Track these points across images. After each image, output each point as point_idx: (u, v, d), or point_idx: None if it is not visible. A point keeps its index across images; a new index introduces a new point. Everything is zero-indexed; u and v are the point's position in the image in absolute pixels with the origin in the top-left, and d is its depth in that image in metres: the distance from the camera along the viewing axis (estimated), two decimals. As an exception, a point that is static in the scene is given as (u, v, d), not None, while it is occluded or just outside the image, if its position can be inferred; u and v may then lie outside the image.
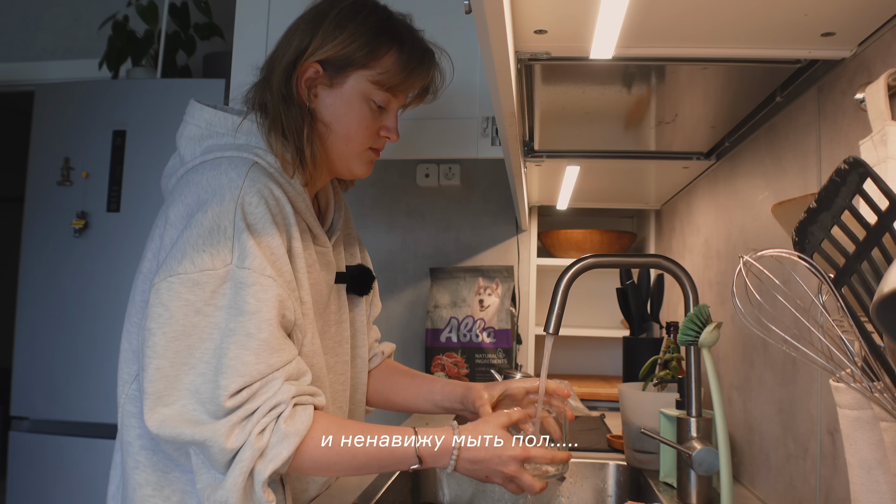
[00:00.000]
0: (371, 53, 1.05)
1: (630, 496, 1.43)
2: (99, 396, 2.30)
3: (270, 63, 1.08)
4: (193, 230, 0.93)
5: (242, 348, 0.90)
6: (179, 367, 0.90)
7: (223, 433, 0.88)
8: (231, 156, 0.99)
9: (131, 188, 2.37)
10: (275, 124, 1.03)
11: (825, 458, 0.95)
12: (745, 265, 0.66)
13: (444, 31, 1.21)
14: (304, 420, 0.93)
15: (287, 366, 0.94)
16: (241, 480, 0.88)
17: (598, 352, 2.53)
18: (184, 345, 0.90)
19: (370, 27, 1.05)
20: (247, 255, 0.92)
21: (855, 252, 0.61)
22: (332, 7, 1.07)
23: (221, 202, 0.94)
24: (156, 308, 0.91)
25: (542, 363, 1.14)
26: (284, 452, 0.90)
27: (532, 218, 2.41)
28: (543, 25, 0.86)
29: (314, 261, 1.08)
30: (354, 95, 1.06)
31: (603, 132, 1.44)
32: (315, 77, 1.05)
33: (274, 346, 0.92)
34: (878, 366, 0.60)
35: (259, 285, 0.92)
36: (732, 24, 0.85)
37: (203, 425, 0.88)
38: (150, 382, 0.90)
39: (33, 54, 3.00)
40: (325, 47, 1.04)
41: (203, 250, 0.92)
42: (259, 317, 0.91)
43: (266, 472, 0.89)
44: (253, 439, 0.89)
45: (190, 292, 0.91)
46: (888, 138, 0.69)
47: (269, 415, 0.90)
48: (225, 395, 0.88)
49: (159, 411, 0.89)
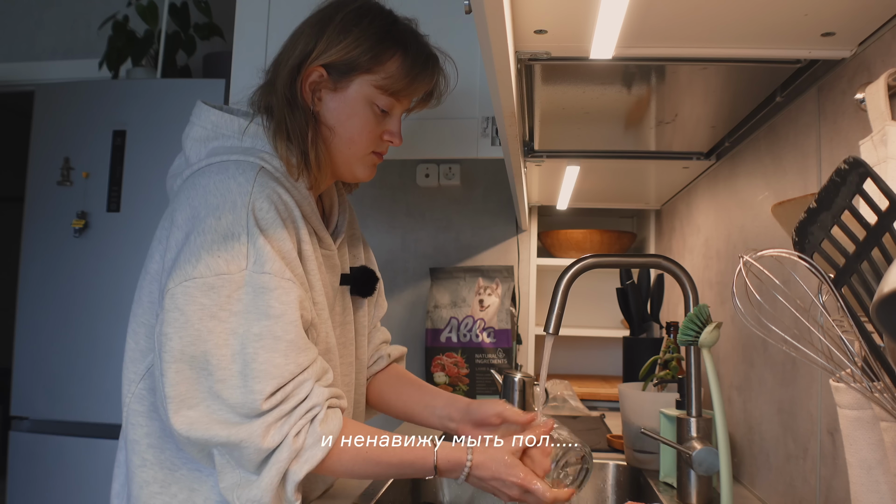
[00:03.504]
0: (375, 58, 1.05)
1: (630, 496, 1.43)
2: (99, 396, 2.30)
3: (275, 66, 1.08)
4: (207, 236, 0.93)
5: (272, 351, 0.91)
6: (199, 372, 0.91)
7: (259, 433, 0.89)
8: (238, 160, 1.00)
9: (131, 188, 2.37)
10: (280, 128, 1.03)
11: (825, 458, 0.95)
12: (745, 265, 0.66)
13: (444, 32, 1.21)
14: (337, 423, 0.95)
15: (313, 365, 0.96)
16: (277, 480, 0.90)
17: (598, 352, 2.53)
18: (200, 349, 0.91)
19: (375, 32, 1.05)
20: (265, 259, 0.93)
21: (855, 252, 0.61)
22: (337, 11, 1.06)
23: (234, 209, 0.94)
24: (171, 313, 0.92)
25: (542, 363, 1.14)
26: (319, 454, 0.92)
27: (532, 218, 2.41)
28: (543, 25, 0.86)
29: (320, 263, 1.09)
30: (358, 100, 1.06)
31: (603, 132, 1.44)
32: (319, 81, 1.05)
33: (301, 346, 0.94)
34: (878, 366, 0.60)
35: (281, 289, 0.93)
36: (732, 24, 0.85)
37: (238, 426, 0.90)
38: (171, 387, 0.90)
39: (33, 54, 3.00)
40: (330, 51, 1.04)
41: (218, 255, 0.92)
42: (285, 319, 0.93)
43: (301, 472, 0.91)
44: (290, 440, 0.90)
45: (205, 296, 0.91)
46: (888, 138, 0.69)
47: (306, 416, 0.92)
48: (261, 398, 0.89)
49: (184, 414, 0.90)
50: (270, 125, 1.04)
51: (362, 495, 1.19)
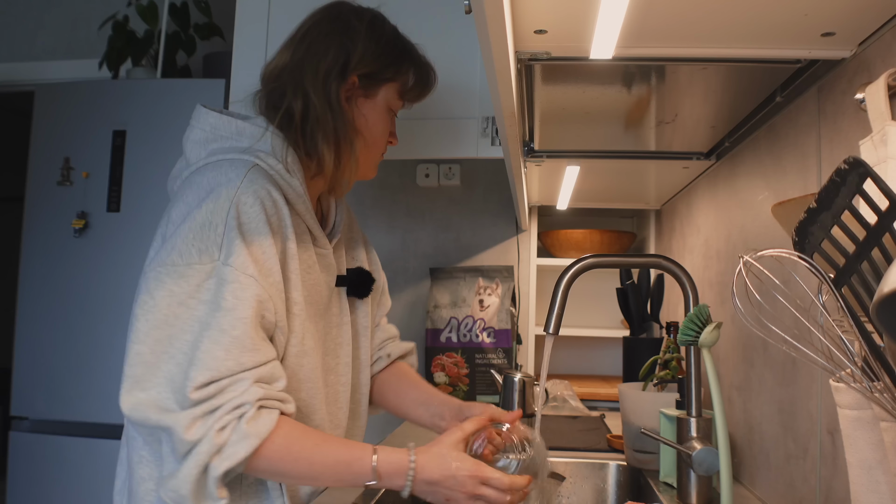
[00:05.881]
0: (398, 68, 1.15)
1: (630, 496, 1.43)
2: (99, 396, 2.30)
3: (297, 67, 1.10)
4: (187, 224, 0.96)
5: (214, 343, 0.91)
6: (159, 356, 0.92)
7: (184, 424, 0.89)
8: (233, 158, 1.02)
9: (131, 188, 2.37)
10: (322, 129, 1.07)
11: (825, 458, 0.95)
12: (745, 265, 0.66)
13: (444, 31, 1.22)
14: (267, 423, 0.93)
15: (259, 367, 0.94)
16: (194, 473, 0.89)
17: (598, 352, 2.53)
18: (165, 334, 0.92)
19: (394, 43, 1.16)
20: (232, 252, 0.94)
21: (855, 252, 0.61)
22: (357, 19, 1.13)
23: (217, 200, 0.96)
24: (142, 295, 0.95)
25: (542, 363, 1.14)
26: (242, 452, 0.90)
27: (532, 218, 2.41)
28: (543, 25, 0.86)
29: (314, 262, 1.09)
30: (383, 106, 1.16)
31: (603, 132, 1.44)
32: (352, 88, 1.12)
33: (247, 346, 0.93)
34: (878, 366, 0.60)
35: (238, 283, 0.93)
36: (732, 24, 0.85)
37: (168, 413, 0.90)
38: (129, 366, 0.92)
39: (33, 54, 3.00)
40: (366, 61, 1.11)
41: (192, 245, 0.94)
42: (234, 314, 0.92)
43: (220, 468, 0.90)
44: (212, 435, 0.89)
45: (175, 284, 0.93)
46: (888, 138, 0.69)
47: (232, 413, 0.91)
48: (191, 385, 0.89)
49: (135, 395, 0.91)
50: (291, 126, 1.07)
51: (362, 496, 1.19)
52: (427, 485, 0.98)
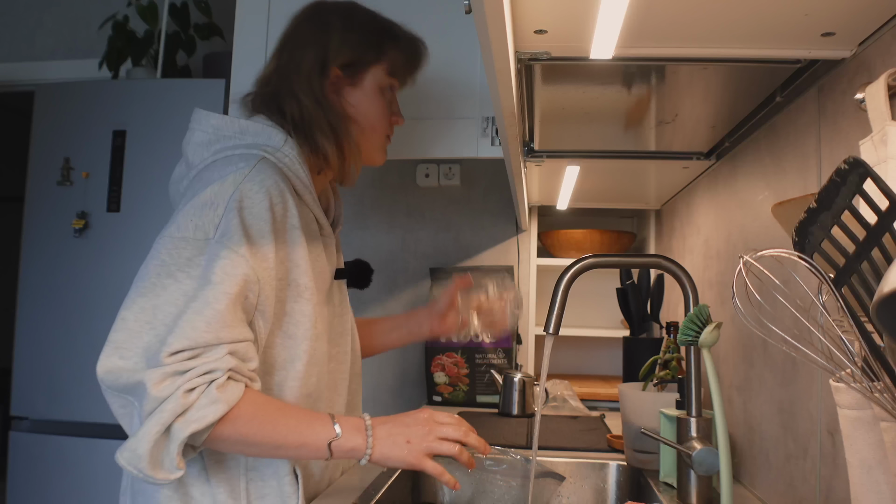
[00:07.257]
0: (379, 49, 1.17)
1: (630, 496, 1.43)
2: (99, 396, 2.25)
3: (283, 73, 1.14)
4: (191, 203, 0.98)
5: (197, 314, 0.91)
6: (142, 325, 0.92)
7: (155, 379, 0.88)
8: (242, 153, 1.05)
9: (131, 188, 2.37)
10: (316, 125, 1.10)
11: (825, 458, 0.95)
12: (745, 265, 0.66)
13: (444, 31, 1.22)
14: (236, 392, 0.93)
15: (236, 344, 0.94)
16: (154, 431, 0.87)
17: (598, 352, 2.53)
18: (150, 303, 0.93)
19: (370, 27, 1.17)
20: (228, 231, 0.95)
21: (855, 252, 0.60)
22: (330, 14, 1.16)
23: (223, 183, 0.99)
24: (141, 267, 0.97)
25: (542, 363, 1.14)
26: (210, 416, 0.89)
27: (532, 218, 2.41)
28: (543, 25, 0.86)
29: (321, 251, 1.13)
30: (374, 89, 1.17)
31: (603, 132, 1.44)
32: (337, 80, 1.15)
33: (227, 321, 0.93)
34: (878, 366, 0.60)
35: (229, 259, 0.94)
36: (732, 24, 0.85)
37: (140, 371, 0.90)
38: (114, 332, 0.93)
39: (33, 54, 3.00)
40: (343, 52, 1.14)
41: (191, 220, 0.96)
42: (220, 288, 0.93)
43: (185, 431, 0.88)
44: (179, 394, 0.88)
45: (167, 254, 0.95)
46: (888, 138, 0.69)
47: (203, 377, 0.91)
48: (167, 351, 0.89)
49: (113, 361, 0.92)
50: (293, 125, 1.10)
51: (362, 495, 1.19)
52: (387, 434, 1.01)
